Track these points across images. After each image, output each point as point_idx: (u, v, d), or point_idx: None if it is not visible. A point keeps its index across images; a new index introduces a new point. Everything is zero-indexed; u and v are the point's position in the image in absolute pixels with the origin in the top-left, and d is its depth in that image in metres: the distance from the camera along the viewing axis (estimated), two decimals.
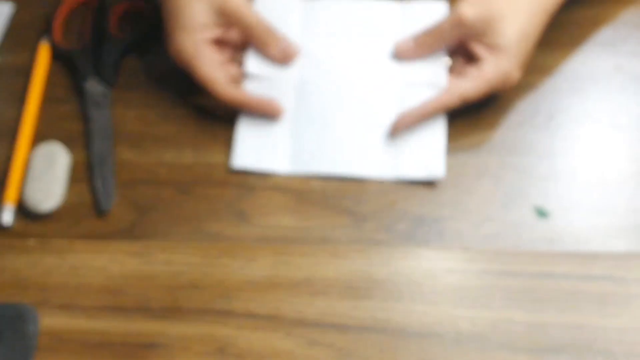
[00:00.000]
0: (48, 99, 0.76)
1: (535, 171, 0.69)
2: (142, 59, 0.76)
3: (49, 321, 0.62)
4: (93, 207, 0.69)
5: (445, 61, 0.71)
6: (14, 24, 0.81)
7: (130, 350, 0.61)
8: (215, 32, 0.71)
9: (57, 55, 0.79)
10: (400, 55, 0.72)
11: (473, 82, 0.68)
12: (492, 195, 0.67)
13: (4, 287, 0.64)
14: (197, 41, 0.70)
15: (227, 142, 0.71)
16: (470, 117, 0.70)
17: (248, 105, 0.71)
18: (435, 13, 0.73)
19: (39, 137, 0.73)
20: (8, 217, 0.68)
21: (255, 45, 0.72)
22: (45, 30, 0.80)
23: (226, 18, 0.71)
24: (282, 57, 0.72)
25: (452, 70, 0.71)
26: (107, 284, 0.64)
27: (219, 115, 0.73)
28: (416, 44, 0.71)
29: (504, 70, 0.68)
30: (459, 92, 0.68)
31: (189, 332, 0.61)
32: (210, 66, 0.70)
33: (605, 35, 0.75)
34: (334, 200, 0.68)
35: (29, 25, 0.81)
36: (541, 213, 0.66)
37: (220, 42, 0.72)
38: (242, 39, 0.73)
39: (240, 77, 0.73)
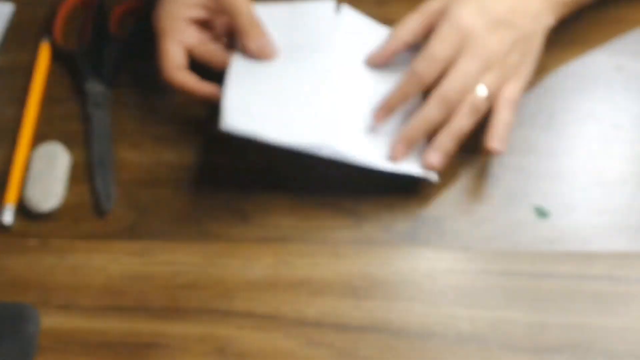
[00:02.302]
0: (48, 99, 0.76)
1: (535, 171, 0.68)
2: (142, 59, 0.76)
3: (49, 321, 0.62)
4: (93, 207, 0.69)
5: None
6: (15, 24, 0.82)
7: (131, 350, 0.61)
8: (202, 13, 0.71)
9: (58, 56, 0.79)
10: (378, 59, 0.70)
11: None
12: (492, 195, 0.67)
13: (5, 287, 0.64)
14: (178, 16, 0.70)
15: (227, 142, 0.70)
16: None
17: (190, 91, 0.70)
18: None
19: (39, 137, 0.73)
20: (8, 217, 0.68)
21: (237, 33, 0.71)
22: (46, 30, 0.80)
23: (217, 0, 0.70)
24: (258, 53, 0.71)
25: None
26: (107, 284, 0.64)
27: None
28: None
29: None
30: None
31: (189, 331, 0.61)
32: (175, 46, 0.70)
33: (605, 35, 0.75)
34: (334, 199, 0.68)
35: (29, 26, 0.81)
36: (541, 213, 0.66)
37: (205, 24, 0.72)
38: (227, 27, 0.73)
39: (219, 55, 0.71)
